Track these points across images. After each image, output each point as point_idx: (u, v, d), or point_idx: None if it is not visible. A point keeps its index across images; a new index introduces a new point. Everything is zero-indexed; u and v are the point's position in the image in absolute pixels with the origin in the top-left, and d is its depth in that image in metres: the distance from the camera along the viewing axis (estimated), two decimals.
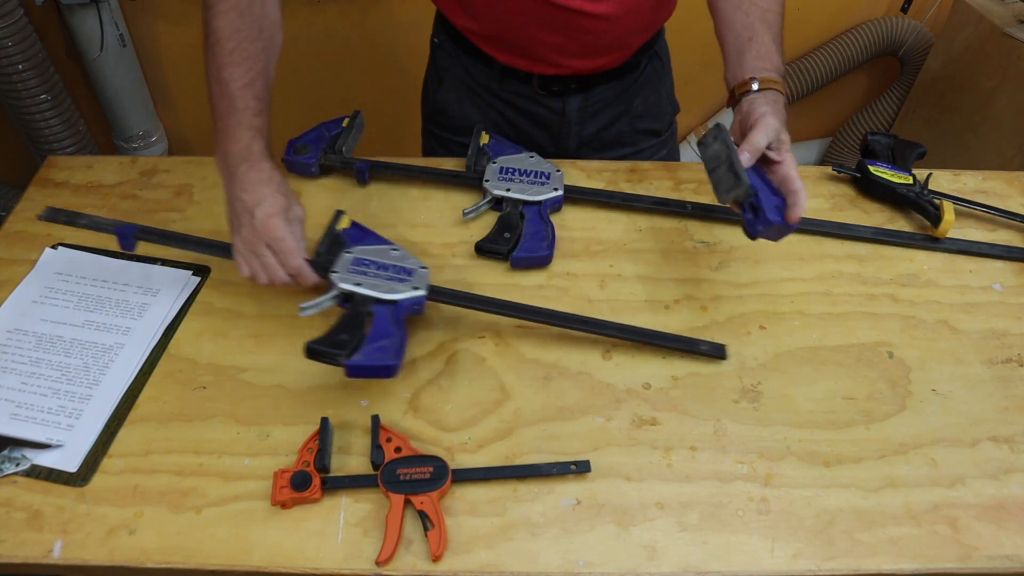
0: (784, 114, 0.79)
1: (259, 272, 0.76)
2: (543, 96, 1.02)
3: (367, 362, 0.70)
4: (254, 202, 0.75)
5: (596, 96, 1.03)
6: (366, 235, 0.84)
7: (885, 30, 2.07)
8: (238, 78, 0.76)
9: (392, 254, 0.81)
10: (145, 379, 0.78)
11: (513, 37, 0.95)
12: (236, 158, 0.76)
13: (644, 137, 1.12)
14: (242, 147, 0.76)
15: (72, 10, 1.73)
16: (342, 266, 0.78)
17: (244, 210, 0.75)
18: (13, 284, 0.86)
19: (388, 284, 0.77)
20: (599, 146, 1.09)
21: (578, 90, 1.02)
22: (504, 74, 1.01)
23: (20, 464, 0.70)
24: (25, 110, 1.78)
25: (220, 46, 0.76)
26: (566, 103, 1.03)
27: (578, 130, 1.06)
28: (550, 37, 0.93)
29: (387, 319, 0.74)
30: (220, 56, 0.76)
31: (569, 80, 1.00)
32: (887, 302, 0.88)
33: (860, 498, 0.70)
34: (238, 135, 0.76)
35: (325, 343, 0.71)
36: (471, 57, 1.02)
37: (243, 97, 0.76)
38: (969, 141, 1.92)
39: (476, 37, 0.98)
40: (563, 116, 1.04)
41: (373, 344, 0.71)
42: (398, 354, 0.71)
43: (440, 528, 0.65)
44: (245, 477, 0.70)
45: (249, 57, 0.77)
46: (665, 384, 0.79)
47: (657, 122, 1.12)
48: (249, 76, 0.77)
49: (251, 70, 0.77)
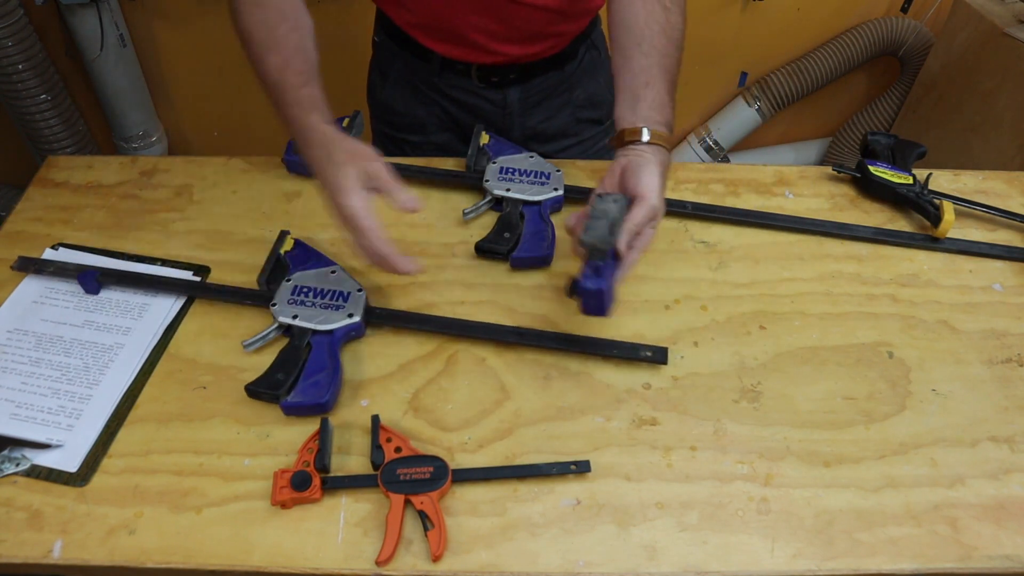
0: (665, 176, 0.77)
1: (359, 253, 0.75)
2: (483, 88, 1.03)
3: (301, 401, 0.73)
4: (323, 182, 0.74)
5: (536, 87, 1.04)
6: (309, 255, 0.86)
7: (885, 30, 2.07)
8: (275, 63, 0.77)
9: (330, 277, 0.83)
10: (145, 379, 0.78)
11: (447, 25, 0.95)
12: (301, 141, 0.77)
13: (587, 126, 1.12)
14: (296, 127, 0.76)
15: (72, 10, 1.73)
16: (281, 297, 0.80)
17: (325, 193, 0.74)
18: (13, 284, 0.86)
19: (324, 314, 0.79)
20: (544, 139, 1.10)
21: (517, 80, 1.02)
22: (443, 67, 1.01)
23: (20, 464, 0.70)
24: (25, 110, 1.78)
25: (252, 41, 0.78)
26: (506, 94, 1.03)
27: (521, 122, 1.07)
28: (483, 22, 0.93)
29: (323, 351, 0.77)
30: (254, 50, 0.78)
31: (507, 70, 1.01)
32: (887, 302, 0.88)
33: (860, 498, 0.70)
34: (291, 116, 0.76)
35: (263, 384, 0.74)
36: (409, 52, 1.03)
37: (285, 79, 0.76)
38: (969, 141, 1.92)
39: (413, 29, 0.99)
40: (504, 108, 1.05)
41: (308, 380, 0.74)
42: (329, 389, 0.74)
43: (440, 528, 0.65)
44: (245, 477, 0.70)
45: (278, 40, 0.77)
46: (665, 384, 0.79)
47: (598, 111, 1.12)
48: (283, 56, 0.77)
49: (284, 50, 0.77)
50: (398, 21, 1.00)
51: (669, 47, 0.82)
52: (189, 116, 2.14)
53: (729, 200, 1.00)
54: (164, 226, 0.94)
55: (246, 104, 2.10)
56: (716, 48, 2.10)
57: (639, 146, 0.77)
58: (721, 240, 0.95)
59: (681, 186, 1.02)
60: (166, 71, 2.02)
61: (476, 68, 1.01)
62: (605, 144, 1.16)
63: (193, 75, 2.04)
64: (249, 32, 0.78)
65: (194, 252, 0.91)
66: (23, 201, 0.97)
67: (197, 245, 0.92)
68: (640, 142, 0.77)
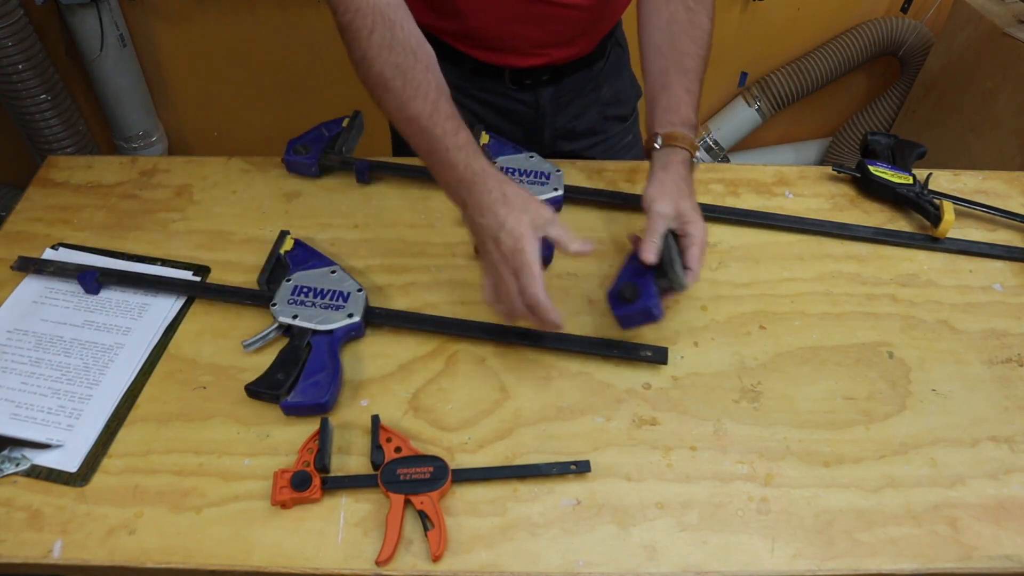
0: (683, 173, 0.78)
1: (497, 303, 0.74)
2: (515, 91, 1.02)
3: (301, 401, 0.73)
4: (496, 226, 0.71)
5: (567, 86, 1.03)
6: (309, 255, 0.86)
7: (885, 30, 2.07)
8: (422, 109, 0.73)
9: (330, 277, 0.83)
10: (145, 379, 0.78)
11: (486, 34, 0.94)
12: (462, 184, 0.73)
13: (612, 124, 1.12)
14: (461, 171, 0.73)
15: (72, 10, 1.73)
16: (281, 297, 0.80)
17: (487, 236, 0.72)
18: (13, 284, 0.86)
19: (324, 314, 0.79)
20: (572, 137, 1.10)
21: (550, 82, 1.02)
22: (475, 71, 1.00)
23: (20, 464, 0.70)
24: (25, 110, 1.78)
25: (390, 89, 0.74)
26: (539, 96, 1.03)
27: (552, 122, 1.06)
28: (525, 30, 0.93)
29: (323, 351, 0.77)
30: (395, 98, 0.74)
31: (540, 72, 1.00)
32: (887, 302, 0.88)
33: (860, 498, 0.70)
34: (451, 161, 0.73)
35: (263, 384, 0.74)
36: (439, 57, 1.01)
37: (436, 123, 0.73)
38: (969, 141, 1.92)
39: (445, 35, 0.97)
40: (536, 110, 1.04)
41: (308, 380, 0.74)
42: (330, 389, 0.74)
43: (440, 528, 0.65)
44: (245, 477, 0.70)
45: (421, 83, 0.74)
46: (665, 384, 0.79)
47: (624, 107, 1.13)
48: (431, 101, 0.74)
49: (428, 94, 0.74)
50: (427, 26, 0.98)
51: (691, 47, 0.82)
52: (189, 116, 2.14)
53: (729, 200, 1.00)
54: (164, 226, 0.94)
55: (246, 104, 2.10)
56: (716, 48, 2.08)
57: (653, 153, 0.80)
58: (721, 240, 0.95)
59: None
60: (166, 71, 2.02)
61: (509, 72, 1.00)
62: (628, 141, 1.17)
63: (193, 75, 2.04)
64: (384, 79, 0.74)
65: (194, 252, 0.91)
66: (23, 201, 0.97)
67: (197, 245, 0.92)
68: (654, 149, 0.80)
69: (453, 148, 0.73)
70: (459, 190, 0.74)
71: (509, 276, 0.72)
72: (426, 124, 0.73)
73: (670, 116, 0.81)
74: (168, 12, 1.88)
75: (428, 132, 0.74)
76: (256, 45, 1.96)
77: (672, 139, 0.80)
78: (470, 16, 0.92)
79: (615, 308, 0.77)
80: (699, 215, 0.78)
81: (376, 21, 0.74)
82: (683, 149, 0.80)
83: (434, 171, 0.76)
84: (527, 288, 0.71)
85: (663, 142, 0.80)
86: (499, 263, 0.72)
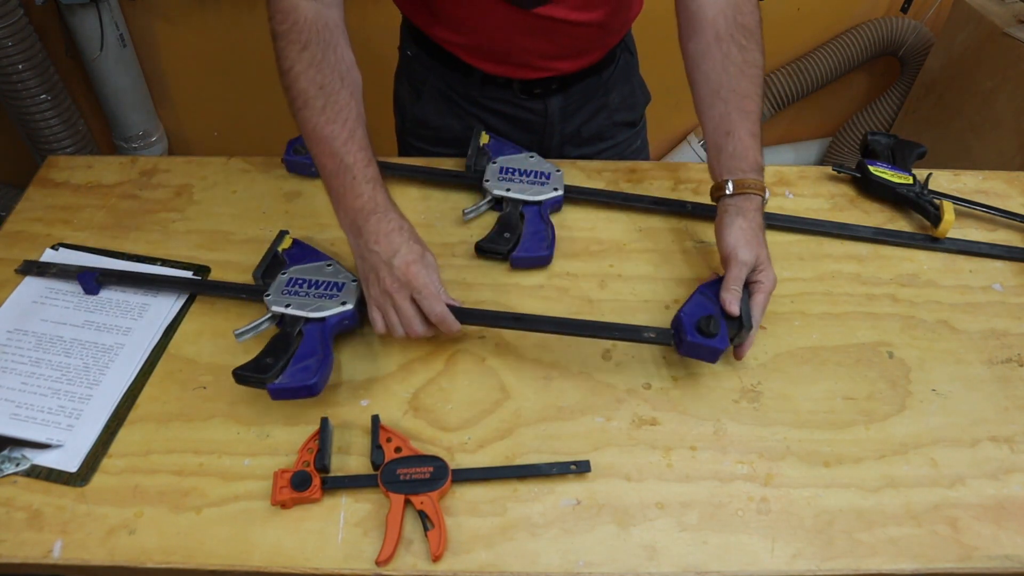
0: (759, 221, 0.80)
1: (396, 325, 0.75)
2: (524, 100, 1.02)
3: (288, 383, 0.72)
4: (389, 252, 0.73)
5: (576, 93, 1.03)
6: (306, 253, 0.86)
7: (885, 30, 2.07)
8: (338, 134, 0.75)
9: (326, 270, 0.82)
10: (145, 379, 0.78)
11: (496, 47, 0.94)
12: (361, 213, 0.75)
13: (621, 129, 1.12)
14: (364, 201, 0.75)
15: (72, 10, 1.73)
16: (275, 288, 0.80)
17: (380, 262, 0.74)
18: (13, 284, 0.86)
19: (317, 302, 0.79)
20: (580, 142, 1.10)
21: (558, 90, 1.02)
22: (484, 82, 1.00)
23: (20, 464, 0.70)
24: (25, 110, 1.78)
25: (310, 106, 0.75)
26: (547, 104, 1.03)
27: (560, 128, 1.06)
28: (535, 44, 0.93)
29: (314, 338, 0.76)
30: (313, 116, 0.75)
31: (549, 81, 1.00)
32: (887, 302, 0.88)
33: (860, 498, 0.70)
34: (357, 190, 0.75)
35: (249, 368, 0.73)
36: (447, 67, 1.01)
37: (349, 151, 0.75)
38: (969, 141, 1.92)
39: (454, 47, 0.97)
40: (545, 117, 1.04)
41: (297, 365, 0.73)
42: (319, 372, 0.73)
43: (440, 528, 0.65)
44: (245, 477, 0.70)
45: (342, 109, 0.75)
46: (665, 384, 0.79)
47: (632, 113, 1.13)
48: (348, 128, 0.75)
49: (348, 120, 0.75)
50: (436, 39, 0.98)
51: (750, 87, 0.82)
52: (189, 116, 2.14)
53: None
54: (164, 226, 0.94)
55: (246, 104, 2.10)
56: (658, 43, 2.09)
57: (725, 199, 0.82)
58: None
59: (681, 186, 1.03)
60: (166, 71, 2.02)
61: (519, 82, 0.99)
62: (637, 146, 1.17)
63: (193, 75, 2.04)
64: (306, 96, 0.75)
65: (194, 252, 0.91)
66: (23, 201, 0.97)
67: (197, 245, 0.92)
68: (725, 195, 0.81)
69: (361, 179, 0.75)
70: (357, 218, 0.75)
71: (403, 300, 0.74)
72: (339, 149, 0.75)
73: (738, 162, 0.81)
74: (168, 12, 1.88)
75: (339, 157, 0.75)
76: (256, 45, 1.95)
77: (744, 186, 0.80)
78: (480, 30, 0.92)
79: (688, 334, 0.74)
80: (771, 264, 0.79)
81: (311, 38, 0.75)
82: (756, 195, 0.81)
83: (333, 194, 0.77)
84: (432, 308, 0.74)
85: (735, 189, 0.81)
86: (392, 291, 0.73)
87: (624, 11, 0.96)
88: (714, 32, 0.82)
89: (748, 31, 0.83)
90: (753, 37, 0.83)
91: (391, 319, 0.75)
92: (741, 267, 0.78)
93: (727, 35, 0.82)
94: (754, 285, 0.79)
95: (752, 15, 0.83)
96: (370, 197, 0.75)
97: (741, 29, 0.82)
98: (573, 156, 1.08)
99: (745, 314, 0.77)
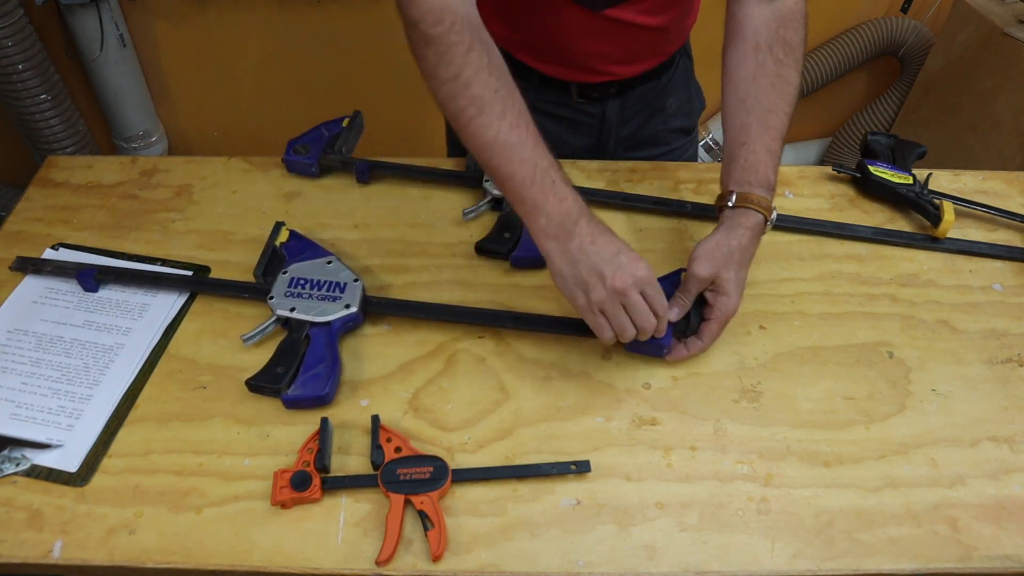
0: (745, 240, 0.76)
1: (626, 326, 0.71)
2: (582, 104, 1.00)
3: (301, 394, 0.73)
4: (613, 250, 0.70)
5: (634, 97, 1.02)
6: (304, 246, 0.86)
7: (885, 30, 2.07)
8: (526, 139, 0.70)
9: (327, 268, 0.83)
10: (145, 379, 0.78)
11: (557, 47, 0.93)
12: (570, 216, 0.70)
13: (676, 136, 1.11)
14: (570, 203, 0.70)
15: (72, 10, 1.73)
16: (278, 290, 0.80)
17: (602, 260, 0.69)
18: (13, 284, 0.86)
19: (321, 305, 0.79)
20: (632, 145, 1.08)
21: (617, 94, 1.00)
22: (542, 84, 0.98)
23: (20, 464, 0.70)
24: (25, 110, 1.78)
25: (487, 112, 0.69)
26: (605, 108, 1.01)
27: (616, 132, 1.05)
28: (599, 47, 0.91)
29: (321, 343, 0.77)
30: (494, 122, 0.70)
31: (608, 86, 0.98)
32: (887, 302, 0.88)
33: (860, 498, 0.70)
34: (561, 193, 0.70)
35: (263, 379, 0.74)
36: None
37: (543, 155, 0.70)
38: (969, 141, 1.92)
39: (512, 46, 0.94)
40: (602, 121, 1.03)
41: (307, 373, 0.75)
42: (329, 381, 0.74)
43: (440, 528, 0.65)
44: (245, 477, 0.70)
45: (521, 112, 0.71)
46: (665, 384, 0.79)
47: (688, 120, 1.11)
48: (532, 132, 0.71)
49: (529, 124, 0.71)
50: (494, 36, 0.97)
51: (778, 102, 0.79)
52: (189, 116, 2.14)
53: None
54: (164, 226, 0.94)
55: (246, 104, 2.10)
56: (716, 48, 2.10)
57: (725, 211, 0.79)
58: None
59: (681, 186, 1.02)
60: (166, 71, 2.02)
61: (576, 86, 0.98)
62: (691, 154, 1.15)
63: (193, 75, 2.04)
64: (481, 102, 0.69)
65: (194, 252, 0.91)
66: (23, 201, 0.97)
67: (197, 245, 0.92)
68: (727, 207, 0.79)
69: (560, 181, 0.70)
70: (565, 222, 0.70)
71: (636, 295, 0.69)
72: (530, 154, 0.70)
73: (748, 175, 0.78)
74: (168, 12, 1.88)
75: (532, 162, 0.70)
76: (256, 45, 1.96)
77: (747, 200, 0.77)
78: (543, 31, 0.90)
79: None
80: (737, 291, 0.76)
81: (473, 40, 0.70)
82: (757, 212, 0.77)
83: (529, 203, 0.70)
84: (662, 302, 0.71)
85: (736, 201, 0.78)
86: (625, 288, 0.69)
87: (687, 17, 0.95)
88: (754, 42, 0.81)
89: (789, 47, 0.80)
90: (793, 54, 0.80)
91: (620, 321, 0.70)
92: (692, 280, 0.76)
93: (767, 47, 0.80)
94: (708, 310, 0.77)
95: (797, 32, 0.81)
96: (574, 199, 0.71)
97: (783, 43, 0.80)
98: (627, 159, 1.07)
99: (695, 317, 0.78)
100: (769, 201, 0.79)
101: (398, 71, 1.97)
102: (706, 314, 0.78)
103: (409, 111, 2.05)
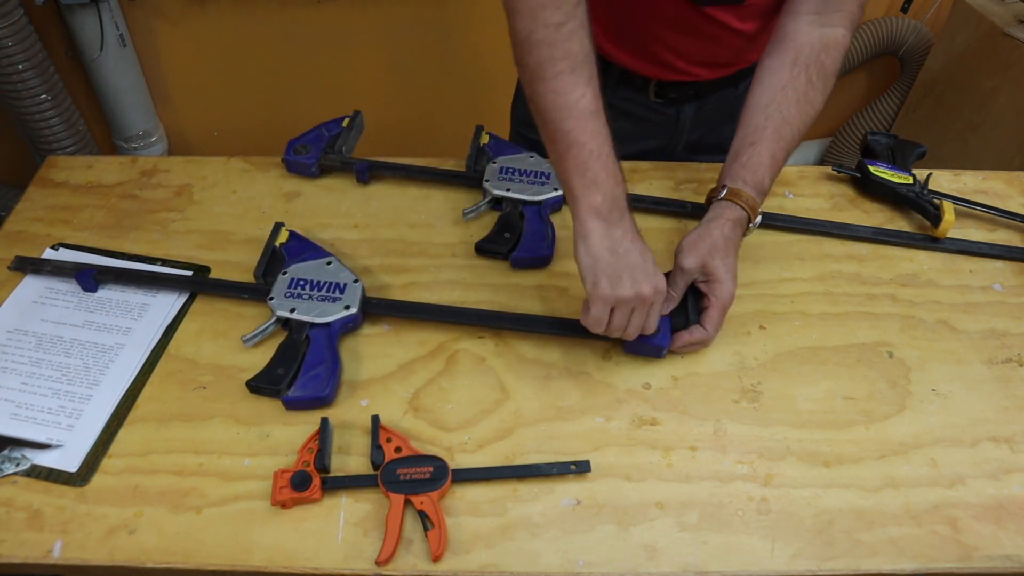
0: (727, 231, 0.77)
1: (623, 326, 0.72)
2: (658, 104, 1.00)
3: (302, 395, 0.74)
4: (646, 257, 0.72)
5: (710, 104, 1.02)
6: (304, 246, 0.86)
7: (885, 30, 2.07)
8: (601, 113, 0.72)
9: (327, 268, 0.83)
10: (145, 379, 0.78)
11: (645, 38, 0.92)
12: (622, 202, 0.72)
13: None
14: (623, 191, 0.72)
15: (72, 10, 1.73)
16: (278, 290, 0.80)
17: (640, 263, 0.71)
18: (13, 284, 0.86)
19: (321, 306, 0.79)
20: (701, 150, 1.08)
21: (694, 97, 1.00)
22: (620, 80, 0.98)
23: (20, 464, 0.70)
24: (25, 110, 1.78)
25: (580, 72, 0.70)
26: (680, 111, 1.01)
27: (687, 136, 1.05)
28: (686, 43, 0.91)
29: (321, 343, 0.77)
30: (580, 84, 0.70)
31: (686, 87, 0.98)
32: (887, 302, 0.88)
33: (860, 498, 0.70)
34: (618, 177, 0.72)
35: (263, 380, 0.74)
36: None
37: (609, 137, 0.72)
38: (969, 141, 1.92)
39: (601, 28, 0.90)
40: (676, 124, 1.03)
41: (308, 374, 0.75)
42: (330, 382, 0.74)
43: (440, 528, 0.65)
44: (245, 477, 0.70)
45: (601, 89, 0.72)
46: (665, 384, 0.79)
47: None
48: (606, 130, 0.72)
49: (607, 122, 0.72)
50: None
51: (796, 117, 0.80)
52: (189, 116, 2.14)
53: None
54: (164, 226, 0.94)
55: (246, 104, 2.10)
56: None
57: (713, 203, 0.80)
58: None
59: (681, 186, 1.02)
60: (166, 71, 2.02)
61: (654, 84, 0.98)
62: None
63: (193, 75, 2.04)
64: (576, 60, 0.70)
65: (194, 252, 0.91)
66: (23, 201, 0.97)
67: (197, 245, 0.92)
68: (716, 198, 0.80)
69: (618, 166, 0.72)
70: (617, 206, 0.71)
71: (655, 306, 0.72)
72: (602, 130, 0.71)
73: (745, 174, 0.80)
74: (168, 12, 1.88)
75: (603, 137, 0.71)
76: (256, 45, 1.95)
77: (736, 195, 0.79)
78: (636, 15, 0.90)
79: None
80: (729, 275, 0.77)
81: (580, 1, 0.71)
82: (742, 209, 0.79)
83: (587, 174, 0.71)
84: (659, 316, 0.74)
85: (725, 195, 0.79)
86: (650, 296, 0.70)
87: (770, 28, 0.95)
88: (794, 56, 0.81)
89: (824, 73, 0.81)
90: (825, 80, 0.81)
91: (622, 322, 0.72)
92: (679, 272, 0.77)
93: (804, 64, 0.81)
94: (706, 299, 0.78)
95: (835, 62, 0.82)
96: (624, 189, 0.72)
97: (819, 67, 0.81)
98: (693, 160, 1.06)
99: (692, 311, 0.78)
100: (757, 203, 0.80)
101: (398, 71, 1.97)
102: (704, 304, 0.78)
103: (409, 111, 2.05)
